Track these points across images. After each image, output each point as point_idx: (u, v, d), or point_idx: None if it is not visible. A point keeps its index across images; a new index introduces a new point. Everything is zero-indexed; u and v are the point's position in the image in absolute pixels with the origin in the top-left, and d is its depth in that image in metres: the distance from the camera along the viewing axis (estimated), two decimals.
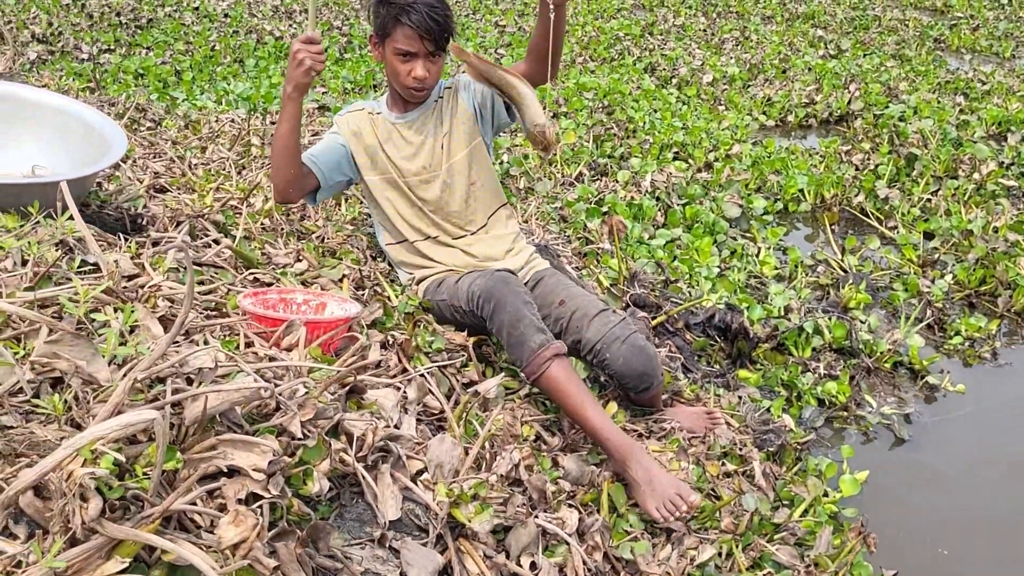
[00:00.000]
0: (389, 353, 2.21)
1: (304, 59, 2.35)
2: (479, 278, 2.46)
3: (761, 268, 4.34)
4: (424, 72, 2.51)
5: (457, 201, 2.67)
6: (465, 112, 2.67)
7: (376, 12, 2.53)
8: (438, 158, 2.66)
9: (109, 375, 1.52)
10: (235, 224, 2.54)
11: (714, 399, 3.04)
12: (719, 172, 5.29)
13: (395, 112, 2.69)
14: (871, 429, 3.28)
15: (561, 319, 2.54)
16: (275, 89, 6.30)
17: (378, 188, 2.67)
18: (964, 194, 5.15)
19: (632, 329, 2.49)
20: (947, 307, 4.08)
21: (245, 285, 2.22)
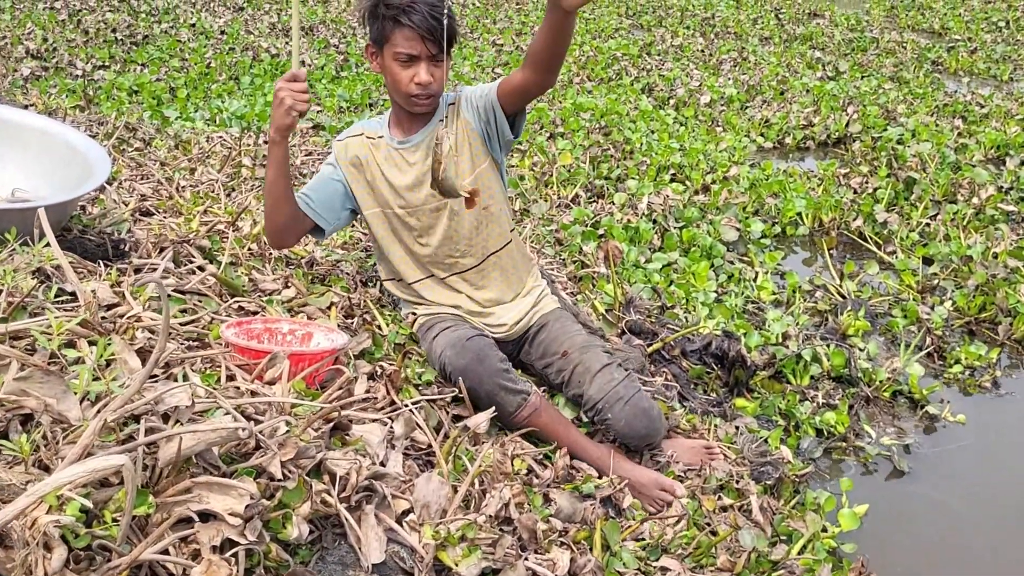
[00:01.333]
0: (377, 385, 2.15)
1: (284, 99, 2.22)
2: (449, 349, 2.31)
3: (759, 293, 4.29)
4: (428, 76, 2.32)
5: (466, 229, 2.50)
6: (471, 130, 2.47)
7: (372, 17, 2.37)
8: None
9: (80, 414, 1.46)
10: (221, 249, 2.48)
11: (711, 429, 2.98)
12: (716, 194, 5.24)
13: (397, 135, 2.52)
14: (870, 461, 3.22)
15: (563, 371, 2.49)
16: (270, 107, 6.25)
17: (377, 222, 2.54)
18: (963, 219, 5.10)
19: (636, 388, 2.43)
20: (947, 334, 4.02)
21: (229, 314, 2.16)
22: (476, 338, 2.34)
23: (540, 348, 2.56)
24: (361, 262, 2.89)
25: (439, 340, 2.35)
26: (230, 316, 2.16)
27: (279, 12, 10.73)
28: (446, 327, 2.40)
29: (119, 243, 2.22)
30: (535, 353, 2.59)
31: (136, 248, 2.27)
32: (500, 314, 2.56)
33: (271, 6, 11.13)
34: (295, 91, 2.22)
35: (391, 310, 2.67)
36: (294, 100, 2.22)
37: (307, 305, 2.35)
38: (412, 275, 2.55)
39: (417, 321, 2.54)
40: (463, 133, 2.47)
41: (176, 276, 2.21)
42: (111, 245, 2.21)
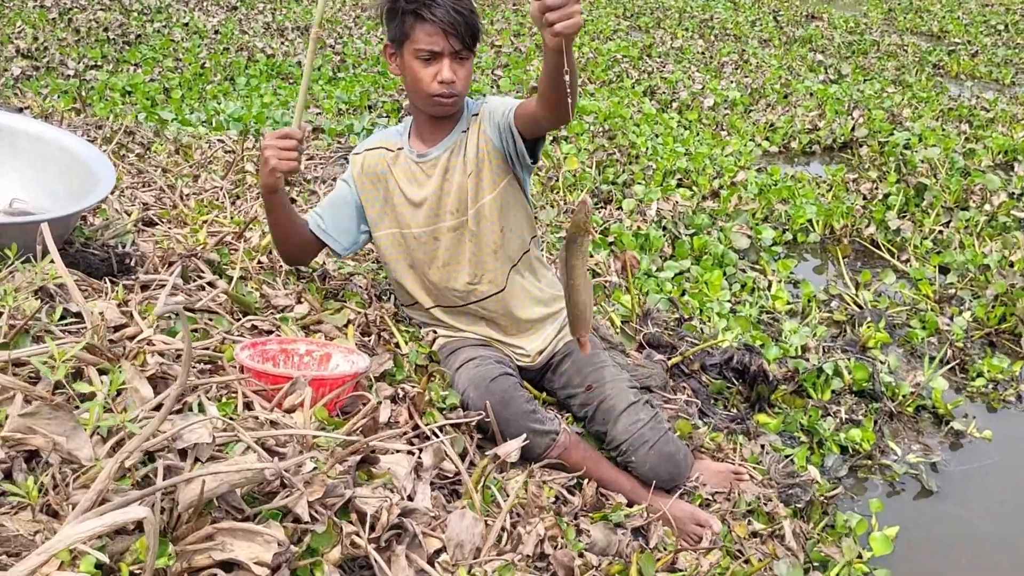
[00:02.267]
0: (399, 408, 2.03)
1: (269, 158, 2.10)
2: (473, 390, 2.18)
3: (773, 303, 4.18)
4: (451, 74, 2.17)
5: (486, 251, 2.34)
6: (492, 147, 2.29)
7: (391, 14, 2.21)
8: (464, 203, 2.31)
9: (92, 453, 1.34)
10: (230, 263, 2.36)
11: (736, 449, 2.88)
12: (726, 200, 5.14)
13: (418, 147, 2.36)
14: (898, 480, 3.11)
15: (587, 406, 2.38)
16: (267, 109, 6.13)
17: (390, 245, 2.39)
18: (976, 226, 5.01)
19: (662, 430, 2.32)
20: (967, 346, 3.92)
21: (242, 333, 2.04)
22: (500, 378, 2.20)
23: (563, 378, 2.45)
24: (374, 273, 2.77)
25: (462, 375, 2.22)
26: (243, 336, 2.04)
27: (273, 12, 10.58)
28: (469, 359, 2.28)
29: (124, 257, 2.10)
30: (558, 382, 2.47)
31: (142, 262, 2.15)
32: (524, 343, 2.44)
33: (265, 5, 10.98)
34: (281, 149, 2.09)
35: (407, 324, 2.55)
36: (278, 160, 2.10)
37: (322, 323, 2.23)
38: (428, 301, 2.43)
39: (438, 340, 2.42)
40: (484, 149, 2.31)
41: (185, 293, 2.08)
42: (116, 259, 2.08)
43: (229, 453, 1.52)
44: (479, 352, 2.33)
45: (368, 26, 10.04)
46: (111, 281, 2.04)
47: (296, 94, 7.03)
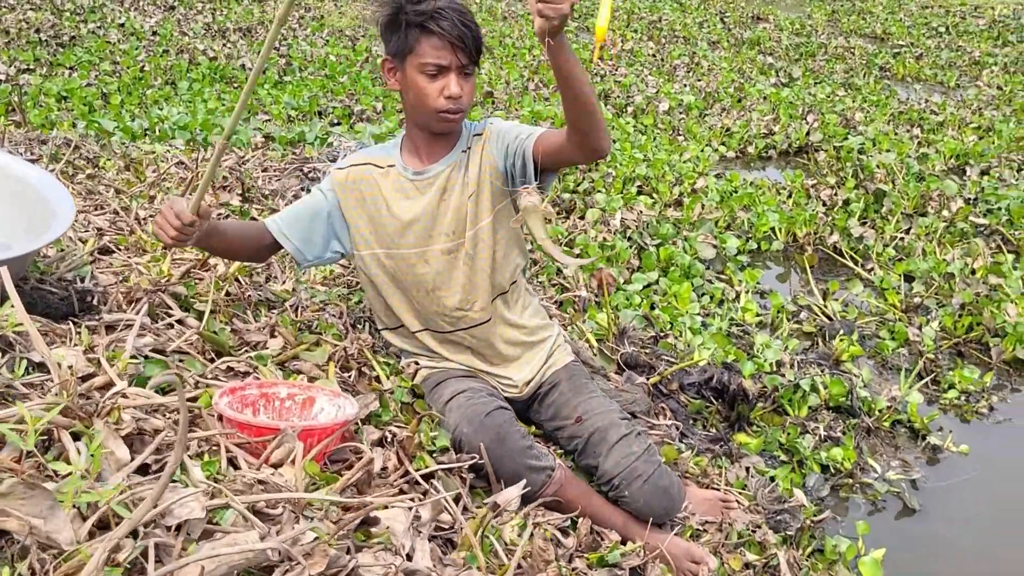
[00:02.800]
0: (388, 452, 1.91)
1: (157, 228, 1.96)
2: (466, 425, 2.06)
3: (743, 315, 4.13)
4: (458, 88, 2.07)
5: (480, 276, 2.24)
6: (495, 168, 2.19)
7: (392, 27, 2.09)
8: (461, 225, 2.21)
9: (72, 535, 1.20)
10: (197, 295, 2.20)
11: (722, 474, 2.80)
12: (689, 208, 5.09)
13: (412, 164, 2.24)
14: (880, 499, 3.07)
15: (577, 438, 2.27)
16: (212, 116, 5.91)
17: (375, 265, 2.26)
18: (936, 232, 5.03)
19: (657, 463, 2.23)
20: (938, 357, 3.91)
21: (217, 376, 1.90)
22: (495, 413, 2.09)
23: (551, 409, 2.34)
24: (344, 299, 2.64)
25: (453, 410, 2.10)
26: (218, 379, 1.90)
27: (213, 12, 10.31)
28: (459, 391, 2.16)
29: (84, 294, 1.94)
30: (545, 413, 2.37)
31: (104, 299, 1.99)
32: (511, 373, 2.33)
33: (204, 5, 10.70)
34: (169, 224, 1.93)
35: (384, 354, 2.42)
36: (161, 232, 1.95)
37: (299, 359, 2.10)
38: (415, 324, 2.30)
39: (420, 372, 2.29)
40: (486, 170, 2.20)
41: (153, 333, 1.93)
42: (76, 297, 1.92)
43: (219, 520, 1.39)
44: (468, 384, 2.21)
45: (312, 27, 9.83)
46: (73, 322, 1.88)
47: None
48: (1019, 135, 6.81)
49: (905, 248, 4.91)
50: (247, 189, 3.42)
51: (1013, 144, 6.65)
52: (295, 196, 4.03)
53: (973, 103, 7.88)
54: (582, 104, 1.89)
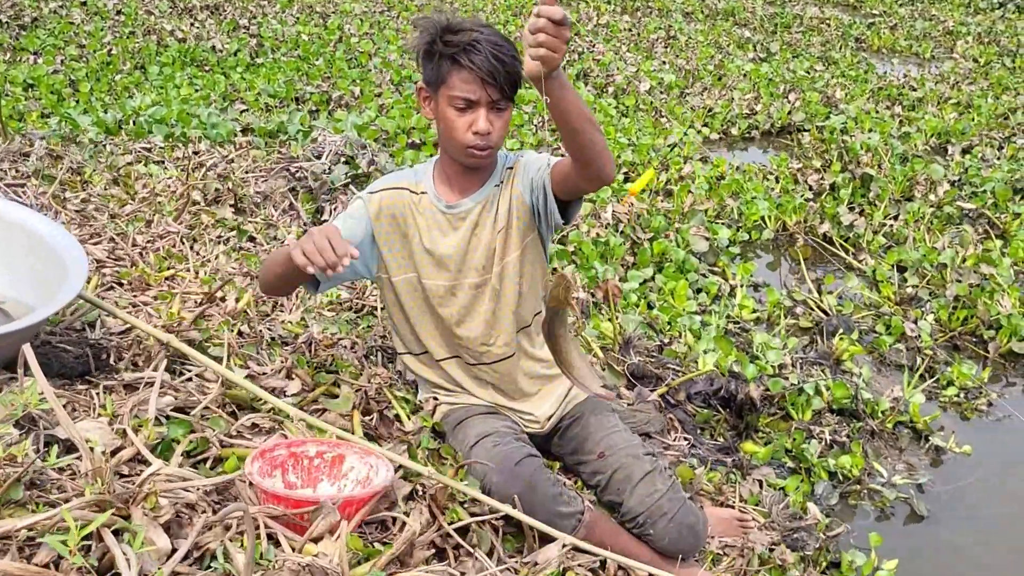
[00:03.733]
0: (418, 504, 1.86)
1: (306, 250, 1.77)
2: (496, 474, 1.99)
3: (740, 312, 4.12)
4: (486, 125, 1.99)
5: (504, 311, 2.19)
6: (523, 202, 2.14)
7: (428, 56, 2.03)
8: (490, 259, 2.16)
9: None
10: (211, 338, 2.13)
11: (734, 489, 2.79)
12: (678, 198, 5.05)
13: (445, 195, 2.17)
14: (888, 505, 3.08)
15: (600, 475, 2.23)
16: (186, 105, 5.76)
17: (408, 290, 2.19)
18: (924, 217, 5.04)
19: (680, 500, 2.19)
20: (934, 351, 3.92)
21: (241, 433, 1.84)
22: (526, 461, 2.03)
23: (573, 443, 2.30)
24: (352, 325, 2.58)
25: (480, 456, 2.05)
26: (242, 436, 1.84)
27: None
28: (484, 434, 2.10)
29: (99, 351, 1.86)
30: (566, 447, 2.33)
31: (120, 355, 1.91)
32: (532, 408, 2.29)
33: None
34: (326, 248, 1.76)
35: (401, 384, 2.37)
36: (313, 256, 1.77)
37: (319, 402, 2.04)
38: (440, 352, 2.24)
39: (439, 409, 2.24)
40: (515, 204, 2.15)
41: (173, 390, 1.86)
42: (91, 354, 1.85)
43: None
44: (491, 424, 2.16)
45: (281, 3, 9.61)
46: (90, 381, 1.81)
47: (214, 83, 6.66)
48: (999, 112, 6.82)
49: (894, 235, 4.91)
50: (239, 199, 3.33)
51: (993, 121, 6.68)
52: (284, 199, 3.95)
53: (950, 77, 7.89)
54: (584, 138, 1.84)
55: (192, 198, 3.17)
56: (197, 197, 3.23)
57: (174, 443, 1.71)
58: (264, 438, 1.85)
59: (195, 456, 1.74)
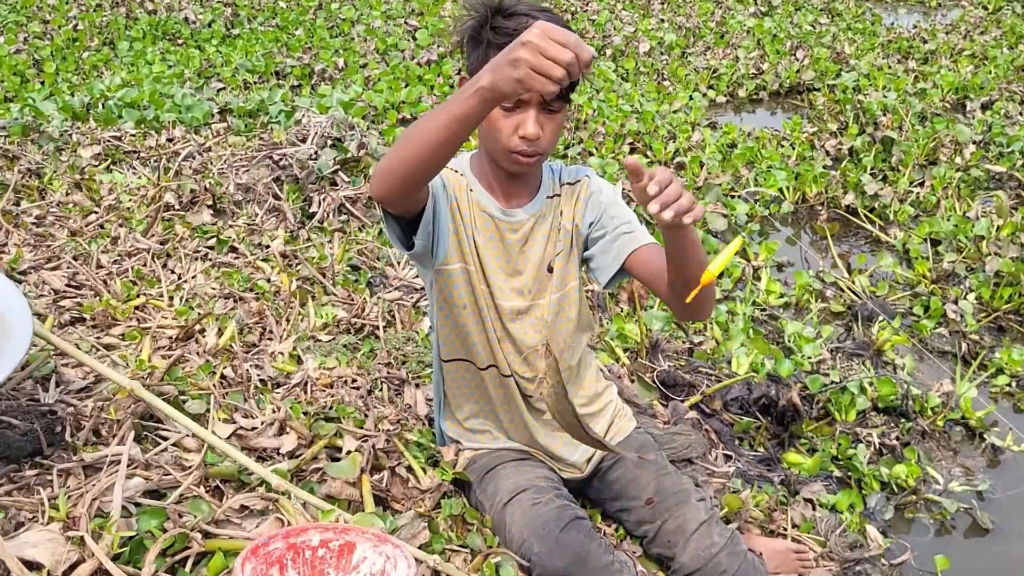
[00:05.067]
0: None
1: (525, 58, 1.23)
2: (538, 543, 1.70)
3: (766, 297, 3.81)
4: (536, 129, 1.65)
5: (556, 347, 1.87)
6: (579, 234, 1.87)
7: (474, 42, 1.70)
8: (542, 285, 1.86)
9: None
10: (190, 388, 1.81)
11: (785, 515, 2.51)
12: (691, 171, 4.72)
13: (495, 199, 1.82)
14: (948, 518, 2.79)
15: (647, 524, 1.93)
16: (159, 84, 5.38)
17: (467, 284, 1.82)
18: (952, 183, 4.72)
19: (742, 554, 1.89)
20: (981, 336, 3.62)
21: (229, 518, 1.52)
22: (572, 526, 1.71)
23: (615, 488, 1.99)
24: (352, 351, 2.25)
25: (516, 519, 1.74)
26: (230, 521, 1.52)
27: None
28: (519, 489, 1.79)
29: (52, 424, 1.54)
30: (607, 492, 2.02)
31: (78, 423, 1.59)
32: (568, 452, 1.97)
33: None
34: (548, 53, 1.23)
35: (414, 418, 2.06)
36: (540, 64, 1.23)
37: (322, 471, 1.72)
38: (485, 358, 1.88)
39: (463, 455, 1.92)
40: (573, 233, 1.86)
41: (143, 468, 1.54)
42: (42, 429, 1.52)
43: None
44: (526, 476, 1.85)
45: None
46: (40, 464, 1.49)
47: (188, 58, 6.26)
48: (1016, 63, 6.48)
49: (922, 203, 4.61)
50: (217, 199, 2.98)
51: (1012, 74, 6.33)
52: (267, 191, 3.60)
53: (961, 26, 7.53)
54: (687, 274, 1.58)
55: (165, 201, 2.82)
56: (171, 199, 2.88)
57: (146, 542, 1.40)
58: (256, 523, 1.54)
59: (173, 555, 1.42)
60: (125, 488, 1.46)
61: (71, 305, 2.09)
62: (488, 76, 1.30)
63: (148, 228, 2.60)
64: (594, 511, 2.06)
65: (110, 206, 2.72)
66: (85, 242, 2.45)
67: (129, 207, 2.78)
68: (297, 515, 1.55)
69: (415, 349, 2.33)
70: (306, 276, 2.64)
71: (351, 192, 3.83)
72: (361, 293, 2.58)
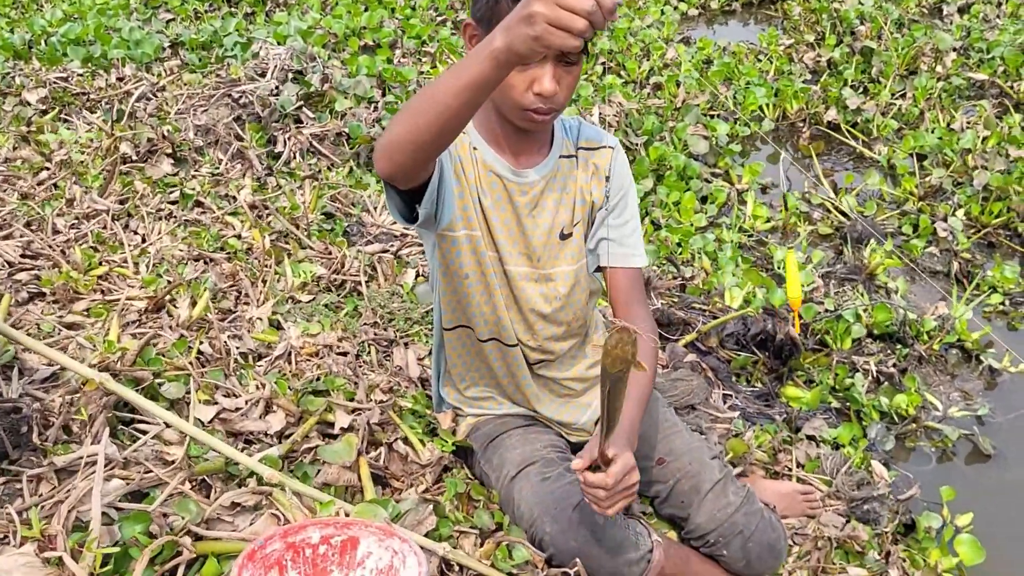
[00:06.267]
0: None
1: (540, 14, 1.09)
2: (550, 523, 1.60)
3: (753, 223, 3.70)
4: (552, 85, 1.49)
5: (567, 316, 1.77)
6: (595, 208, 1.73)
7: None
8: (552, 252, 1.72)
9: None
10: (166, 368, 1.67)
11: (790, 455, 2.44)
12: (668, 91, 4.55)
13: (503, 158, 1.66)
14: (951, 446, 2.75)
15: (659, 484, 1.83)
16: (103, 17, 5.07)
17: (463, 252, 1.67)
18: (935, 93, 4.60)
19: (758, 515, 1.80)
20: (972, 253, 3.55)
21: (220, 517, 1.41)
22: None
23: None
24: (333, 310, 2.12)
25: (525, 496, 1.63)
26: (221, 519, 1.41)
27: None
28: (526, 462, 1.69)
29: (17, 424, 1.40)
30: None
31: (46, 419, 1.45)
32: (575, 415, 1.86)
33: None
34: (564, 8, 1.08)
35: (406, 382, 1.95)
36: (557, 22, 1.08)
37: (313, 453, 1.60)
38: (486, 330, 1.76)
39: (464, 422, 1.81)
40: (589, 201, 1.73)
41: (121, 468, 1.41)
42: (7, 429, 1.39)
43: None
44: (533, 446, 1.74)
45: None
46: (7, 471, 1.35)
47: None
48: None
49: (904, 116, 4.49)
50: (176, 147, 2.80)
51: None
52: (228, 132, 3.40)
53: None
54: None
55: (121, 154, 2.62)
56: (127, 149, 2.69)
57: (131, 551, 1.28)
58: (249, 519, 1.42)
59: (162, 563, 1.30)
60: (104, 492, 1.34)
61: (28, 279, 1.93)
62: (502, 37, 1.15)
63: (105, 186, 2.42)
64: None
65: (62, 161, 2.53)
66: (38, 206, 2.26)
67: (83, 161, 2.58)
68: (293, 508, 1.43)
69: (401, 305, 2.20)
70: (279, 230, 2.48)
71: (318, 129, 3.65)
72: (340, 246, 2.43)
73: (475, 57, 1.18)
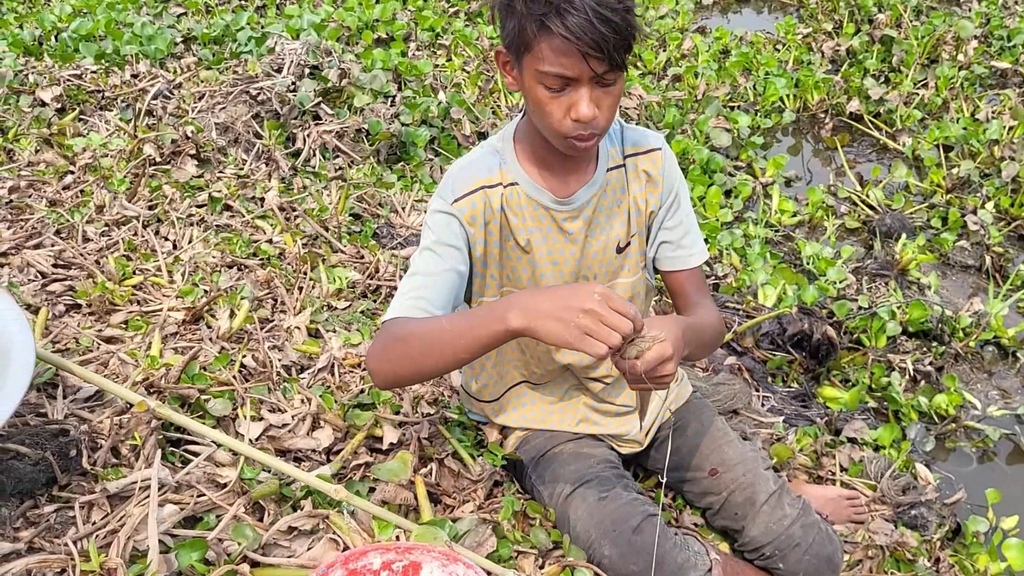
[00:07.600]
0: None
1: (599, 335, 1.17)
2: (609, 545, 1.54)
3: (779, 217, 3.65)
4: (591, 110, 1.37)
5: None
6: (650, 214, 1.65)
7: (508, 10, 1.39)
8: (610, 268, 1.65)
9: None
10: (211, 384, 1.62)
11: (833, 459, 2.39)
12: (687, 83, 4.49)
13: (550, 186, 1.57)
14: (993, 446, 2.70)
15: (712, 496, 1.78)
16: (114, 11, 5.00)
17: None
18: (957, 82, 4.54)
19: (815, 527, 1.74)
20: (1005, 248, 3.50)
21: (277, 542, 1.36)
22: (645, 525, 1.55)
23: (674, 459, 1.83)
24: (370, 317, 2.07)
25: (581, 516, 1.58)
26: (278, 545, 1.36)
27: None
28: (580, 480, 1.63)
29: (66, 447, 1.35)
30: (665, 462, 1.87)
31: (93, 444, 1.40)
32: (626, 427, 1.81)
33: None
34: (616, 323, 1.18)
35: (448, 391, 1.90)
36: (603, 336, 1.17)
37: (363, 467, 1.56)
38: (518, 375, 1.72)
39: (514, 434, 1.76)
40: (645, 211, 1.64)
41: (172, 492, 1.37)
42: (54, 455, 1.34)
43: None
44: (586, 461, 1.69)
45: None
46: (57, 497, 1.31)
47: None
48: None
49: (927, 105, 4.42)
50: (200, 148, 2.74)
51: None
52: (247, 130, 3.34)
53: None
54: None
55: (146, 156, 2.57)
56: (151, 151, 2.63)
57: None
58: (306, 543, 1.37)
59: None
60: (159, 519, 1.29)
61: (62, 290, 1.88)
62: (522, 320, 1.23)
63: (133, 190, 2.36)
64: (649, 480, 1.93)
65: (87, 165, 2.47)
66: (67, 213, 2.21)
67: (109, 163, 2.53)
68: (350, 531, 1.39)
69: None
70: (308, 233, 2.43)
71: (336, 126, 3.59)
72: (373, 251, 2.38)
73: (488, 319, 1.27)
